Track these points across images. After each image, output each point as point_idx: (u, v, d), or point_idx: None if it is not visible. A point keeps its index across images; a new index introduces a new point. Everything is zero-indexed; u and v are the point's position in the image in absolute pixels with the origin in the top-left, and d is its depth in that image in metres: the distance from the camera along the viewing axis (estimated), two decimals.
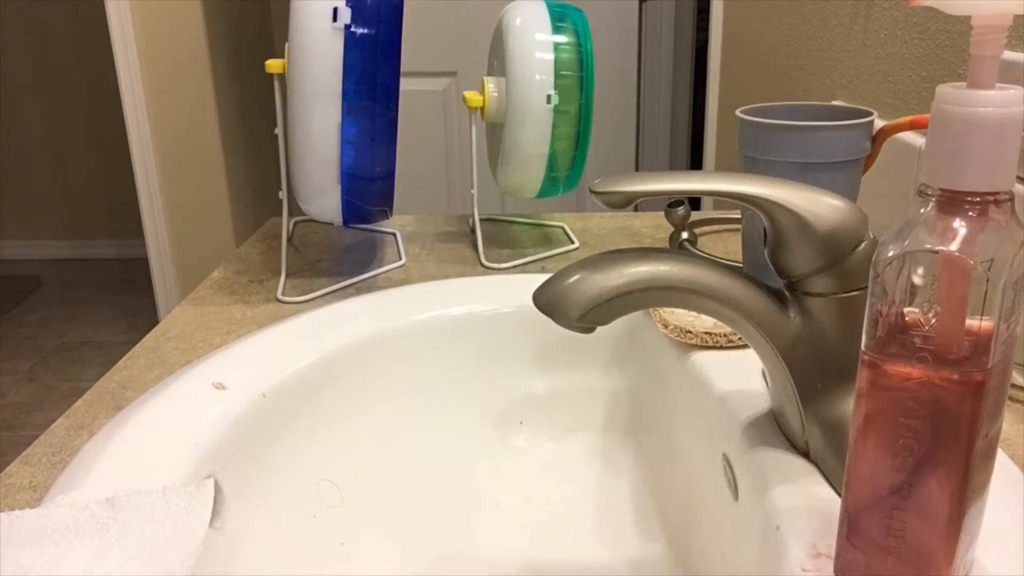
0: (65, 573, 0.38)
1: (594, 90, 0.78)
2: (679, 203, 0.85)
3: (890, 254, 0.30)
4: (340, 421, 0.61)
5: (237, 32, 2.60)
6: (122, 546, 0.40)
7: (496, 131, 0.84)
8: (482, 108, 0.81)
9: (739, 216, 0.81)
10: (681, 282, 0.41)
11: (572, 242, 0.87)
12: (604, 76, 2.36)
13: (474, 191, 0.85)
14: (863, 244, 0.40)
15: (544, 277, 0.41)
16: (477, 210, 0.86)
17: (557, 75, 0.76)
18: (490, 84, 0.81)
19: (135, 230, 3.53)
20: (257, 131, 2.81)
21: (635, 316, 0.64)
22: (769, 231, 0.41)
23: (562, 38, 0.78)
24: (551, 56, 0.76)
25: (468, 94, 0.81)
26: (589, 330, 0.41)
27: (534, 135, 0.77)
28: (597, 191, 0.39)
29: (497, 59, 0.82)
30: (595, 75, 0.79)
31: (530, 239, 0.89)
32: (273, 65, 0.78)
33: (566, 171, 0.82)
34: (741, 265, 0.66)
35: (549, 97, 0.76)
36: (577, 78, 0.77)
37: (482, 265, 0.81)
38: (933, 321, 0.30)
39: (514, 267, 0.80)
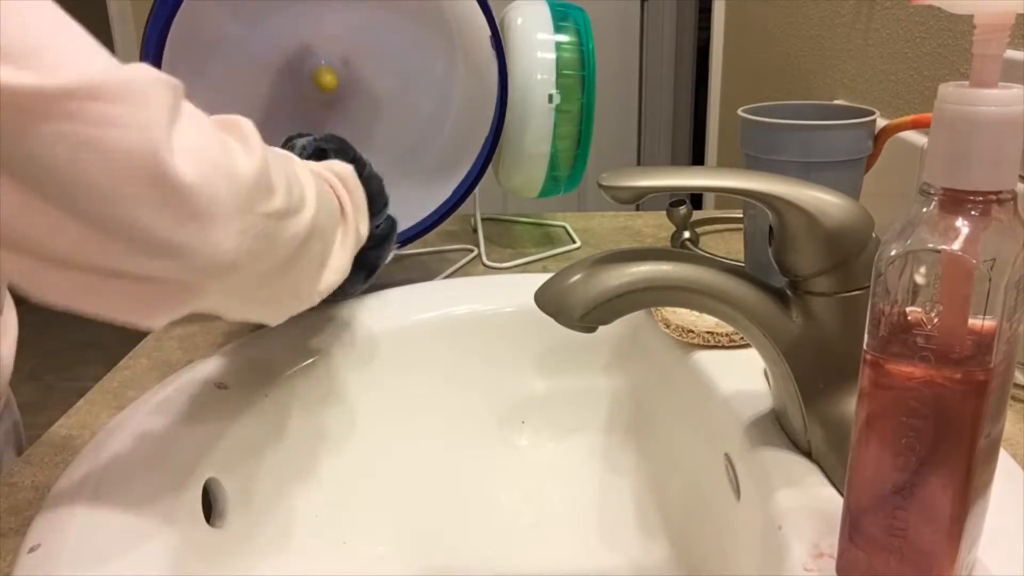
0: None
1: (596, 89, 0.78)
2: (681, 202, 0.85)
3: (892, 253, 0.30)
4: (342, 420, 0.61)
5: None
6: None
7: None
8: None
9: (741, 215, 0.81)
10: (683, 281, 0.40)
11: (574, 242, 0.87)
12: (606, 75, 2.35)
13: (475, 190, 0.85)
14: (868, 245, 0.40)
15: (546, 277, 0.41)
16: (479, 210, 0.86)
17: (559, 74, 0.76)
18: None
19: None
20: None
21: (637, 316, 0.64)
22: (776, 229, 0.41)
23: (564, 37, 0.77)
24: (553, 56, 0.76)
25: None
26: (591, 330, 0.41)
27: (536, 135, 0.77)
28: (605, 185, 0.39)
29: None
30: (596, 74, 0.79)
31: (532, 239, 0.89)
32: None
33: (568, 170, 0.82)
34: (743, 264, 0.66)
35: (551, 96, 0.76)
36: (579, 77, 0.77)
37: (484, 264, 0.81)
38: (935, 320, 0.30)
39: (516, 267, 0.80)
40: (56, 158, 0.31)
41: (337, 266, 0.50)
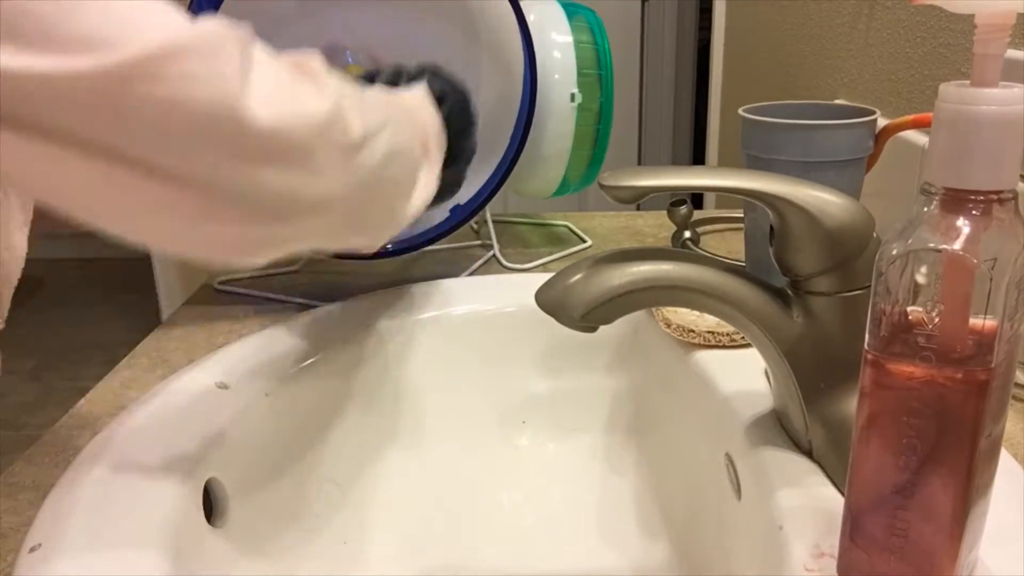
0: None
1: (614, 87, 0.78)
2: (681, 202, 0.84)
3: (893, 253, 0.30)
4: (342, 420, 0.61)
5: None
6: None
7: None
8: None
9: (742, 215, 0.81)
10: (684, 281, 0.40)
11: (583, 241, 0.86)
12: None
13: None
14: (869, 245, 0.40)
15: (546, 276, 0.41)
16: (490, 213, 0.85)
17: (579, 73, 0.76)
18: None
19: None
20: None
21: (637, 315, 0.64)
22: (777, 229, 0.41)
23: (579, 36, 0.77)
24: (571, 54, 0.76)
25: None
26: (592, 329, 0.41)
27: (554, 135, 0.77)
28: (606, 185, 0.39)
29: None
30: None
31: (537, 239, 0.89)
32: None
33: (582, 170, 0.81)
34: (744, 264, 0.66)
35: (573, 96, 0.75)
36: (597, 76, 0.77)
37: (502, 266, 0.80)
38: (936, 320, 0.30)
39: (534, 267, 0.80)
40: (141, 120, 0.33)
41: (426, 183, 0.52)
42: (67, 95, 0.31)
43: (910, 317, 0.30)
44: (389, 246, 0.75)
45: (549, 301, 0.41)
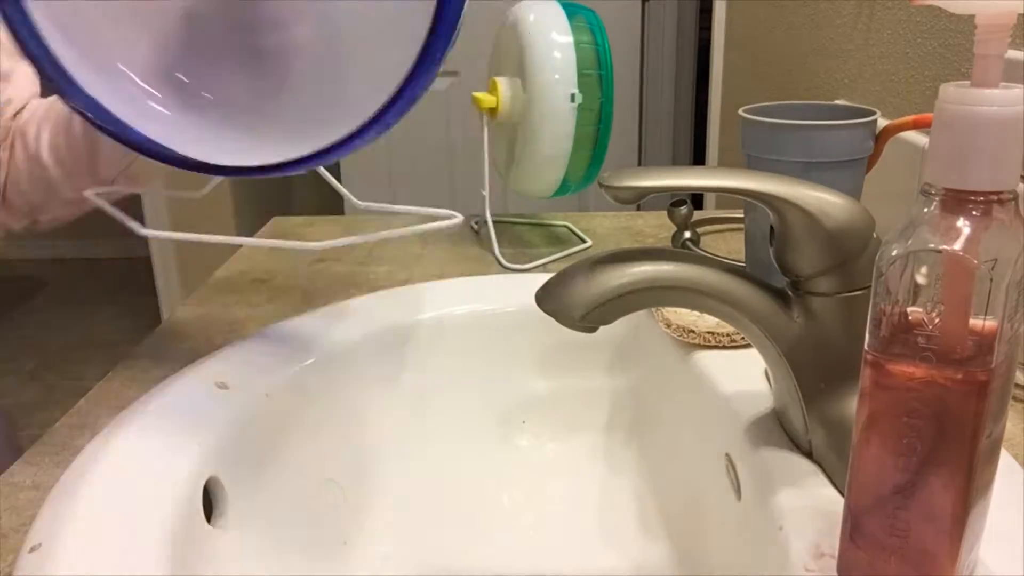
0: None
1: (614, 87, 0.78)
2: (682, 202, 0.84)
3: (893, 253, 0.30)
4: (343, 420, 0.61)
5: None
6: None
7: (508, 132, 0.83)
8: (493, 109, 0.80)
9: (742, 215, 0.81)
10: (684, 282, 0.40)
11: (584, 241, 0.86)
12: None
13: (486, 192, 0.85)
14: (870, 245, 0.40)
15: (546, 277, 0.41)
16: (490, 213, 0.85)
17: (579, 73, 0.76)
18: (503, 85, 0.79)
19: None
20: None
21: (638, 316, 0.64)
22: (777, 229, 0.41)
23: (579, 36, 0.77)
24: (571, 55, 0.76)
25: (480, 95, 0.80)
26: (592, 330, 0.41)
27: (555, 135, 0.76)
28: (606, 185, 0.39)
29: (507, 59, 0.81)
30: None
31: (537, 239, 0.89)
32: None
33: (582, 171, 0.81)
34: (744, 265, 0.66)
35: (573, 96, 0.75)
36: (598, 76, 0.77)
37: (501, 265, 0.80)
38: (936, 320, 0.30)
39: (534, 267, 0.80)
40: None
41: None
42: None
43: (910, 317, 0.30)
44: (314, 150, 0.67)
45: (549, 301, 0.41)
